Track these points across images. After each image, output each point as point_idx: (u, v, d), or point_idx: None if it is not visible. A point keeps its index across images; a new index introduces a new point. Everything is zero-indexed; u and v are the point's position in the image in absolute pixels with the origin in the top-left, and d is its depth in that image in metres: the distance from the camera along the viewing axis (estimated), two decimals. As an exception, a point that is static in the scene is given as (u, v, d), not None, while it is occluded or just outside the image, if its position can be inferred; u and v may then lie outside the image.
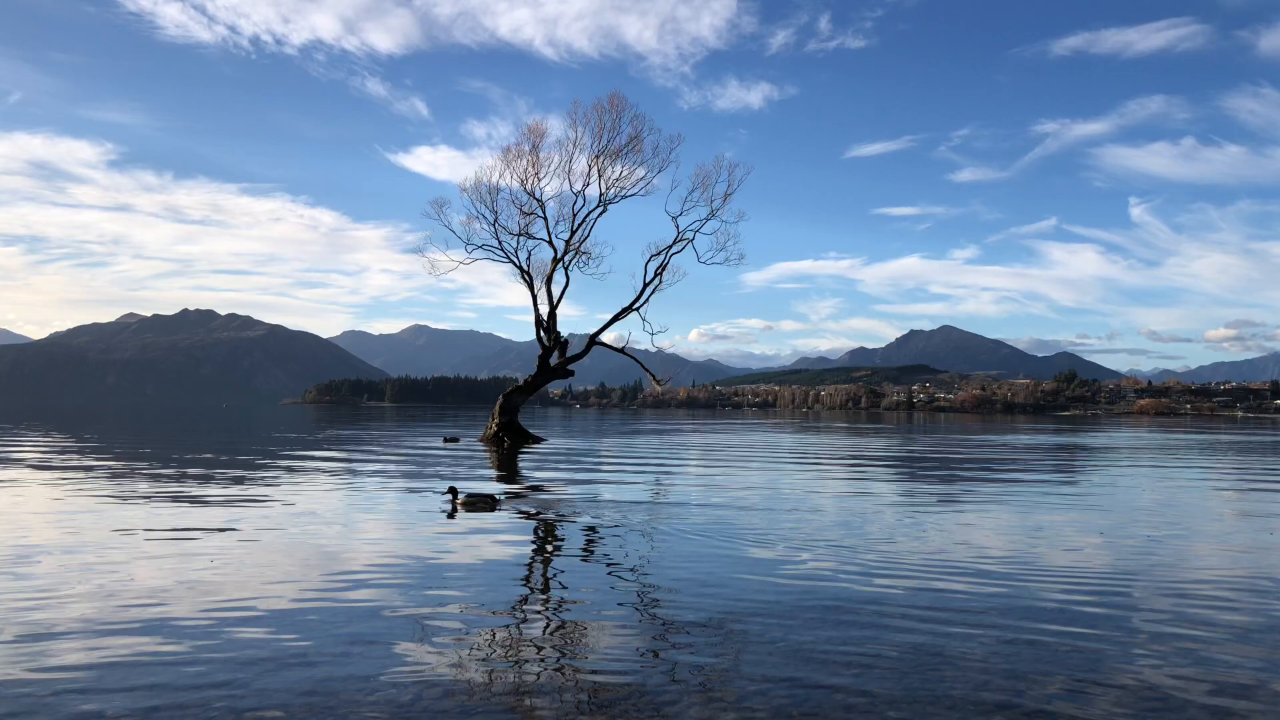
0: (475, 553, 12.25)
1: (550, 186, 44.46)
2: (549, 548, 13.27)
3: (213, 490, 19.61)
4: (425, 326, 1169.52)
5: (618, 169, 43.45)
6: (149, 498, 17.96)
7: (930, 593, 9.97)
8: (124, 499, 17.66)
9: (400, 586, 9.97)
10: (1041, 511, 17.81)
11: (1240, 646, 7.91)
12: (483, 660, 7.28)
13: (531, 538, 14.13)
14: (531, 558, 12.37)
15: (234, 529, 13.93)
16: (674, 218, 44.03)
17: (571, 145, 43.60)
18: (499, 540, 13.42)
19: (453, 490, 17.20)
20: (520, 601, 9.54)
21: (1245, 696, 6.59)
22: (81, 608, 8.72)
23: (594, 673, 7.02)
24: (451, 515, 15.79)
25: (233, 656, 7.20)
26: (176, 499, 17.80)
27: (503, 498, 17.73)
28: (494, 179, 43.93)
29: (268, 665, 6.99)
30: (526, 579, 10.89)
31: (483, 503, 16.78)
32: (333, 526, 14.49)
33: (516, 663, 7.29)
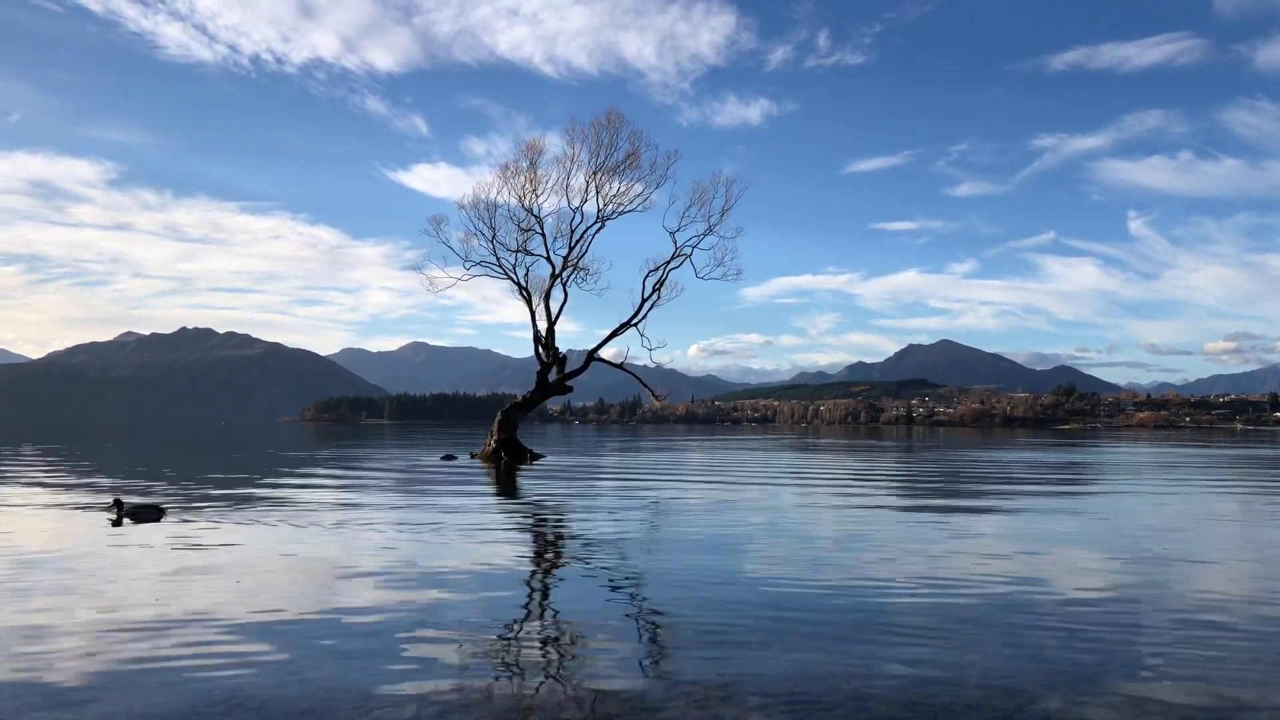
0: (471, 556, 12.22)
1: (548, 203, 44.39)
2: (547, 563, 13.23)
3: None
4: (424, 343, 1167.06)
5: (615, 185, 43.45)
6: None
7: (931, 608, 9.95)
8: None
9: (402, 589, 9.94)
10: (1044, 526, 17.76)
11: (1243, 663, 7.89)
12: (482, 675, 7.25)
13: (529, 550, 14.08)
14: (531, 570, 12.33)
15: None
16: (672, 233, 43.95)
17: (569, 162, 43.58)
18: (499, 575, 13.38)
19: (117, 501, 17.71)
20: (519, 616, 9.49)
21: (1247, 711, 6.57)
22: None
23: (593, 689, 6.98)
24: (117, 523, 16.42)
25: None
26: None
27: (166, 508, 18.32)
28: (492, 195, 43.88)
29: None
30: (526, 592, 10.85)
31: (146, 512, 17.41)
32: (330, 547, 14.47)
33: (515, 677, 7.25)
